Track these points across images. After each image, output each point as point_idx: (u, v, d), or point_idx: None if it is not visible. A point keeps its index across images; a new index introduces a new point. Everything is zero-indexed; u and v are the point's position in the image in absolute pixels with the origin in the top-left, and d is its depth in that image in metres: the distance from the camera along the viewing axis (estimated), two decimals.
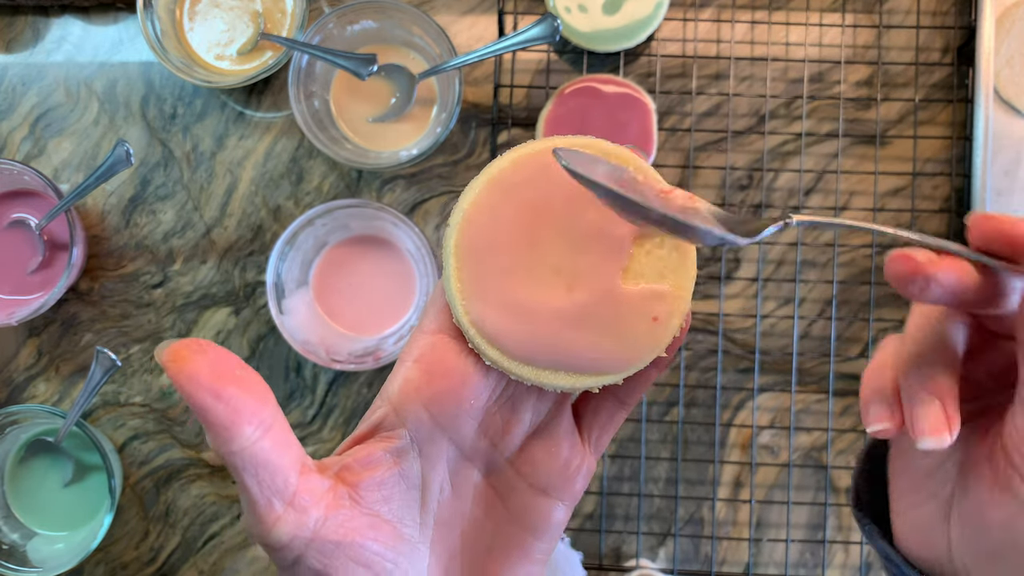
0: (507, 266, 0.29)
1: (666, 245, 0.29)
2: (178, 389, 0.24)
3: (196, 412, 0.24)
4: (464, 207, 0.29)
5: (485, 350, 0.29)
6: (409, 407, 0.29)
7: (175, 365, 0.24)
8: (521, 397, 0.31)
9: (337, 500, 0.27)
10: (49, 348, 0.70)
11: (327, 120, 0.68)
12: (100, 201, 0.71)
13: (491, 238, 0.29)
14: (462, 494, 0.31)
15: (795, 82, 0.70)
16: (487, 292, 0.29)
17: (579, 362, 0.29)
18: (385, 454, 0.29)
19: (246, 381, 0.25)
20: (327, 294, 0.68)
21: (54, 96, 0.71)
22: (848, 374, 0.69)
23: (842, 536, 0.68)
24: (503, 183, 0.29)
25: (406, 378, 0.29)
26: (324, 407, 0.70)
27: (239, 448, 0.25)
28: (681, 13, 0.70)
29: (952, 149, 0.69)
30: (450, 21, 0.71)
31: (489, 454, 0.31)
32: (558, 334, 0.29)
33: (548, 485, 0.31)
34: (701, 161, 0.69)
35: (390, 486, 0.29)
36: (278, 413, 0.26)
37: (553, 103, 0.66)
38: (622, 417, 0.33)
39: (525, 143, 0.30)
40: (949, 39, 0.70)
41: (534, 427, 0.31)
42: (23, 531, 0.68)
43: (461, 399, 0.29)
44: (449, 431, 0.30)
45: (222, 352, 0.25)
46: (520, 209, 0.29)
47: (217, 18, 0.70)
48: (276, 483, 0.26)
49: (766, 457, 0.69)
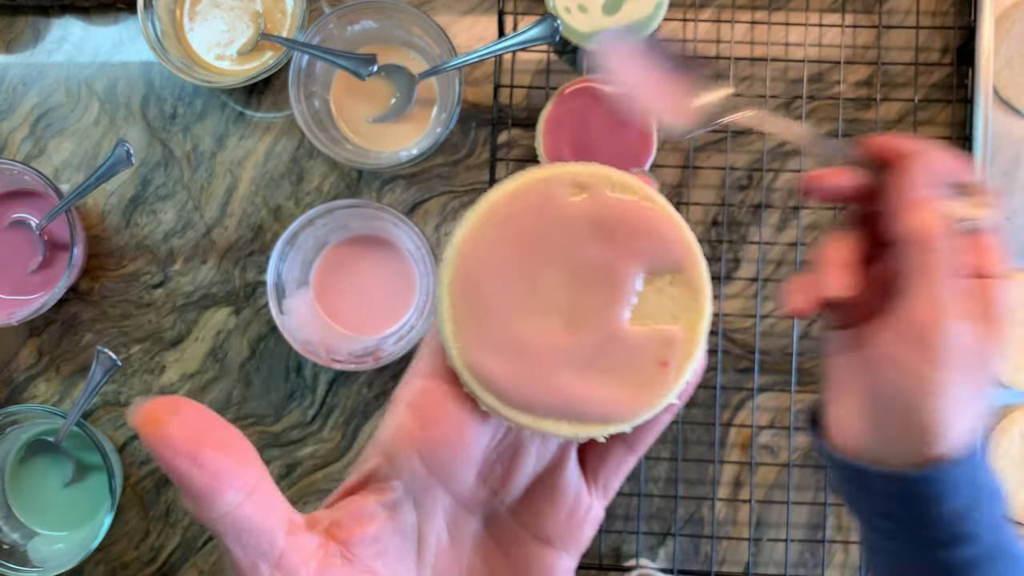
0: (504, 305, 0.27)
1: (678, 283, 0.27)
2: (152, 454, 0.23)
3: (173, 479, 0.23)
4: (457, 241, 0.27)
5: (481, 396, 0.27)
6: (402, 456, 0.27)
7: (149, 428, 0.22)
8: (523, 443, 0.29)
9: (328, 558, 0.26)
10: (49, 348, 0.71)
11: (327, 120, 0.68)
12: (100, 201, 0.71)
13: (487, 275, 0.27)
14: (461, 544, 0.29)
15: (795, 82, 0.70)
16: (483, 334, 0.27)
17: (583, 411, 0.27)
18: (378, 507, 0.27)
19: (226, 442, 0.24)
20: (327, 294, 0.68)
21: (55, 96, 0.72)
22: None
23: (842, 536, 0.68)
24: (500, 215, 0.27)
25: (398, 425, 0.28)
26: (324, 407, 0.70)
27: (219, 514, 0.23)
28: (681, 13, 0.70)
29: (952, 149, 0.69)
30: (450, 21, 0.71)
31: (489, 503, 0.29)
32: (559, 379, 0.27)
33: (552, 535, 0.29)
34: (701, 161, 0.70)
35: (384, 540, 0.27)
36: (263, 472, 0.25)
37: (553, 103, 0.66)
38: (632, 463, 0.31)
39: (523, 171, 0.28)
40: (949, 39, 0.70)
41: (537, 474, 0.30)
42: (23, 531, 0.68)
43: (457, 447, 0.27)
44: (445, 480, 0.28)
45: (199, 411, 0.23)
46: (518, 243, 0.27)
47: (217, 18, 0.70)
48: (262, 546, 0.24)
49: (766, 457, 0.69)
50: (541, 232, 0.27)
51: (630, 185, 0.28)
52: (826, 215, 0.69)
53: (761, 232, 0.69)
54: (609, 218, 0.27)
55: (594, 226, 0.27)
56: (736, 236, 0.69)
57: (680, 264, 0.27)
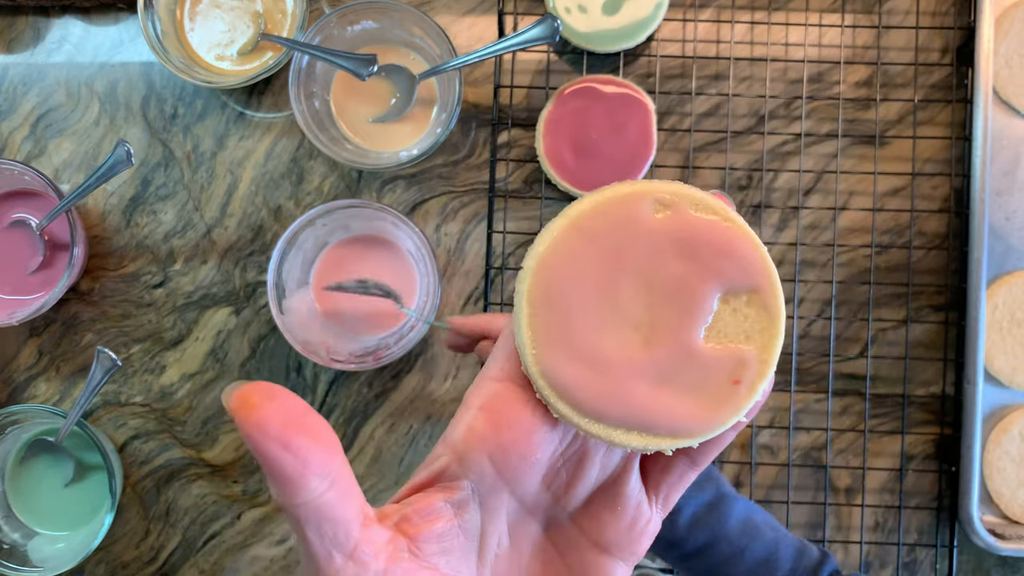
0: (582, 316, 0.28)
1: (754, 304, 0.28)
2: (244, 437, 0.23)
3: (262, 462, 0.23)
4: (540, 251, 0.28)
5: (554, 403, 0.27)
6: (473, 457, 0.28)
7: (243, 412, 0.23)
8: (588, 452, 0.30)
9: (397, 552, 0.26)
10: (50, 348, 0.71)
11: (327, 120, 0.68)
12: (101, 201, 0.71)
13: (567, 286, 0.28)
14: (521, 548, 0.30)
15: (794, 82, 0.70)
16: (560, 342, 0.27)
17: (654, 423, 0.27)
18: (446, 505, 0.28)
19: (315, 430, 0.24)
20: (328, 294, 0.68)
21: (55, 96, 0.72)
22: (848, 374, 0.69)
23: (842, 536, 0.68)
24: (583, 228, 0.28)
25: (470, 426, 0.28)
26: (324, 407, 0.70)
27: (303, 501, 0.24)
28: (681, 14, 0.70)
29: (951, 149, 0.69)
30: (450, 21, 0.71)
31: (551, 508, 0.30)
32: (633, 392, 0.27)
33: (611, 544, 0.30)
34: (701, 161, 0.70)
35: (450, 538, 0.28)
36: (344, 462, 0.25)
37: (553, 103, 0.66)
38: (692, 477, 0.31)
39: (608, 186, 0.29)
40: (948, 39, 0.70)
41: (600, 483, 0.30)
42: (24, 531, 0.68)
43: (526, 452, 0.28)
44: (512, 483, 0.29)
45: (291, 398, 0.24)
46: (600, 257, 0.28)
47: (217, 18, 0.70)
48: (338, 536, 0.25)
49: (765, 457, 0.69)
50: (622, 247, 0.28)
51: (712, 205, 0.28)
52: (827, 215, 0.69)
53: (761, 232, 0.69)
54: (691, 236, 0.28)
55: (675, 243, 0.28)
56: None
57: (757, 285, 0.28)
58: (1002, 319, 0.67)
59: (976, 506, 0.65)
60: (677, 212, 0.28)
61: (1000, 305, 0.67)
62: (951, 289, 0.69)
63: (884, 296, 0.69)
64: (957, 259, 0.68)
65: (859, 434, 0.69)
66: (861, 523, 0.68)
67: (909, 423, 0.69)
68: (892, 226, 0.69)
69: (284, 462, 0.23)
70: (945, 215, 0.69)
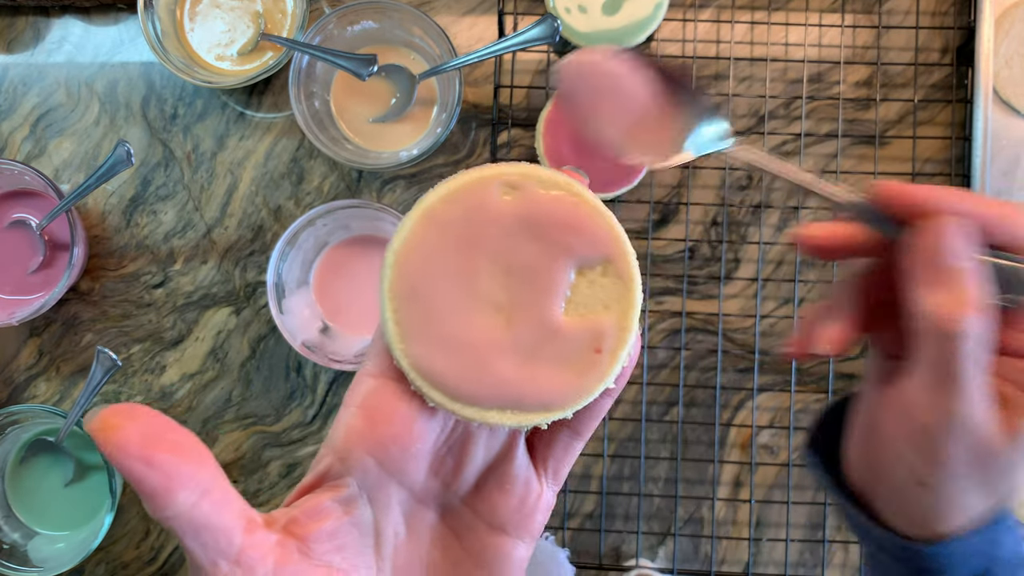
0: (444, 304, 0.28)
1: (609, 274, 0.29)
2: (108, 458, 0.24)
3: (128, 480, 0.24)
4: (396, 246, 0.28)
5: (427, 392, 0.28)
6: (354, 455, 0.28)
7: (103, 435, 0.23)
8: (471, 436, 0.30)
9: (286, 555, 0.27)
10: (50, 348, 0.71)
11: (327, 120, 0.68)
12: (101, 201, 0.71)
13: (426, 276, 0.28)
14: (418, 537, 0.30)
15: (794, 82, 0.70)
16: (425, 333, 0.28)
17: (524, 400, 0.28)
18: (333, 503, 0.28)
19: (180, 445, 0.25)
20: (328, 294, 0.68)
21: (55, 96, 0.72)
22: (847, 374, 0.69)
23: (841, 536, 0.68)
24: (436, 218, 0.28)
25: (349, 425, 0.29)
26: (324, 407, 0.70)
27: (174, 514, 0.24)
28: (681, 14, 0.70)
29: (951, 149, 0.69)
30: (450, 21, 0.71)
31: (442, 495, 0.30)
32: (500, 372, 0.28)
33: (506, 523, 0.30)
34: (701, 161, 0.70)
35: (342, 535, 0.28)
36: (217, 472, 0.26)
37: (553, 103, 0.66)
38: (579, 447, 0.32)
39: (457, 174, 0.29)
40: (948, 39, 0.70)
41: (487, 464, 0.31)
42: (24, 531, 0.68)
43: (407, 443, 0.28)
44: (398, 476, 0.29)
45: (153, 416, 0.24)
46: (455, 244, 0.28)
47: (217, 18, 0.70)
48: (219, 544, 0.25)
49: (766, 457, 0.69)
50: (475, 232, 0.28)
51: (559, 182, 0.29)
52: (827, 215, 0.69)
53: (761, 232, 0.69)
54: (539, 215, 0.29)
55: (525, 224, 0.28)
56: (736, 236, 0.69)
57: (610, 256, 0.29)
58: None
59: None
60: (524, 193, 0.29)
61: None
62: None
63: None
64: None
65: None
66: None
67: None
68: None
69: (148, 478, 0.24)
70: None
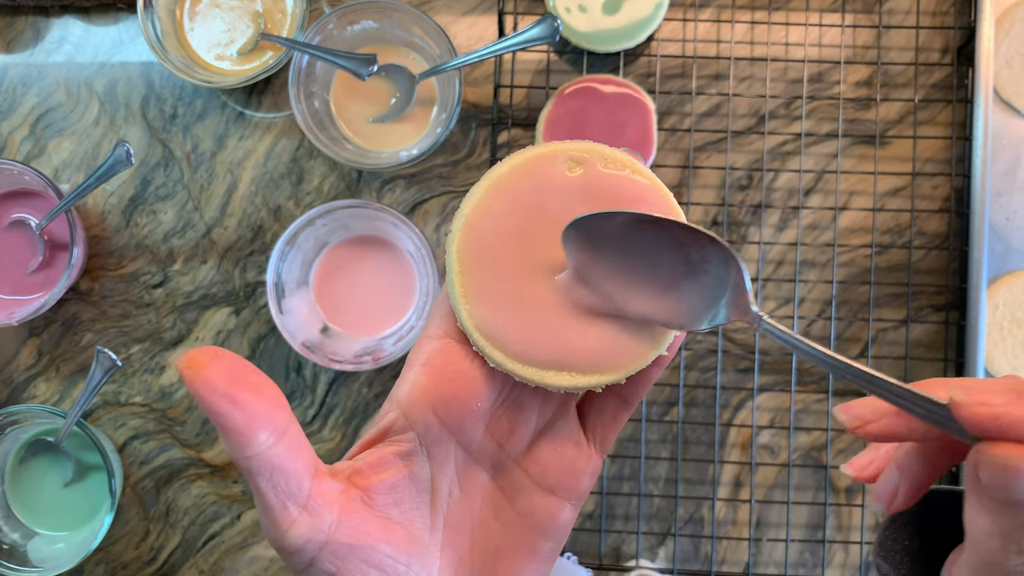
0: (509, 269, 0.29)
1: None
2: (194, 395, 0.24)
3: (212, 417, 0.25)
4: (466, 212, 0.30)
5: (489, 352, 0.29)
6: (417, 411, 0.29)
7: (191, 371, 0.24)
8: (526, 399, 0.31)
9: (350, 503, 0.28)
10: (49, 348, 0.71)
11: (327, 120, 0.68)
12: (100, 201, 0.71)
13: (493, 242, 0.30)
14: (471, 496, 0.31)
15: (795, 82, 0.70)
16: (489, 295, 0.29)
17: (581, 362, 0.29)
18: (395, 457, 0.29)
19: (261, 387, 0.26)
20: (327, 294, 0.68)
21: (54, 96, 0.71)
22: None
23: (842, 536, 0.68)
24: (504, 188, 0.30)
25: (414, 382, 0.30)
26: (324, 407, 0.70)
27: (254, 453, 0.25)
28: (681, 13, 0.70)
29: (952, 149, 0.69)
30: (450, 21, 0.71)
31: (496, 455, 0.31)
32: (560, 334, 0.29)
33: (555, 485, 0.31)
34: (701, 161, 0.70)
35: (401, 489, 0.29)
36: (292, 418, 0.27)
37: (553, 103, 0.66)
38: (625, 416, 0.33)
39: (525, 148, 0.31)
40: (949, 39, 0.70)
41: (540, 428, 0.32)
42: (24, 531, 0.68)
43: (468, 402, 0.30)
44: (457, 434, 0.30)
45: (236, 358, 0.25)
46: (522, 213, 0.30)
47: (217, 18, 0.70)
48: (290, 487, 0.26)
49: (766, 457, 0.69)
50: (540, 202, 0.30)
51: (621, 160, 0.30)
52: (827, 215, 0.69)
53: (761, 232, 0.69)
54: (603, 188, 0.30)
55: (589, 195, 0.30)
56: (736, 236, 0.69)
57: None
58: (1003, 319, 0.67)
59: None
60: (589, 168, 0.30)
61: (1001, 305, 0.67)
62: (951, 289, 0.69)
63: (884, 296, 0.69)
64: (957, 259, 0.68)
65: None
66: (861, 523, 0.68)
67: None
68: (892, 226, 0.69)
69: (232, 416, 0.25)
70: (945, 215, 0.69)
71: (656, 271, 0.29)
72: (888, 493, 0.31)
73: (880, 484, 0.31)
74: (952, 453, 0.30)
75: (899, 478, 0.31)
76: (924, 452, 0.30)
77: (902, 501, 0.31)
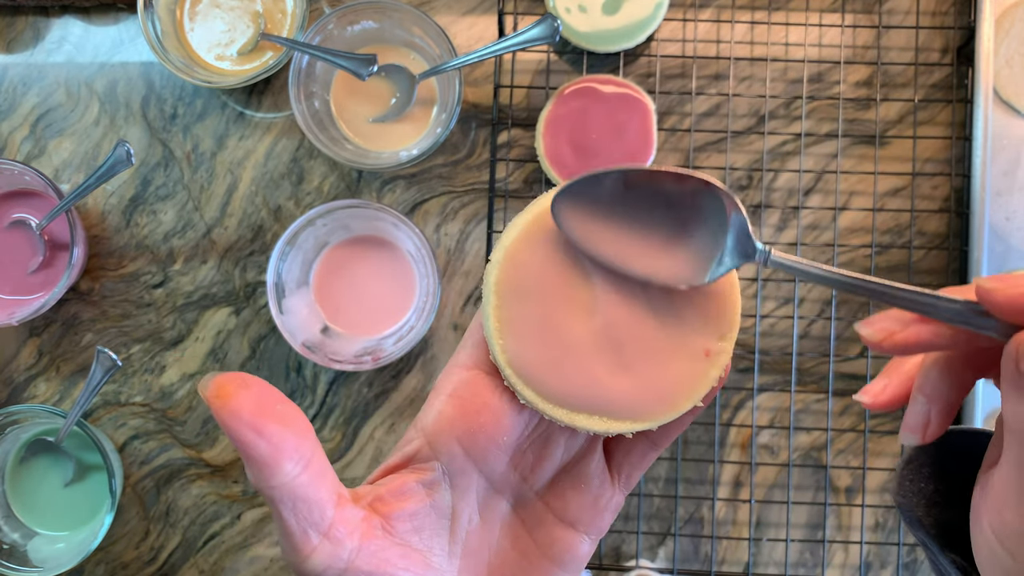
0: (548, 307, 0.29)
1: (710, 294, 0.29)
2: (220, 424, 0.24)
3: (238, 447, 0.25)
4: (507, 244, 0.29)
5: (521, 390, 0.29)
6: (443, 440, 0.29)
7: (219, 401, 0.24)
8: (554, 435, 0.31)
9: (370, 530, 0.28)
10: (50, 348, 0.71)
11: (327, 120, 0.68)
12: (101, 201, 0.71)
13: (533, 277, 0.29)
14: (490, 525, 0.31)
15: (795, 82, 0.70)
16: (525, 332, 0.29)
17: (614, 407, 0.29)
18: (418, 485, 0.29)
19: (288, 416, 0.26)
20: (327, 294, 0.68)
21: (55, 96, 0.72)
22: (847, 374, 0.69)
23: (841, 536, 0.68)
24: (548, 221, 0.29)
25: (441, 412, 0.29)
26: (324, 407, 0.70)
27: (279, 483, 0.25)
28: (681, 13, 0.70)
29: (952, 149, 0.69)
30: (450, 21, 0.71)
31: (519, 487, 0.31)
32: (594, 378, 0.29)
33: (576, 519, 0.31)
34: (701, 161, 0.70)
35: (421, 517, 0.29)
36: (317, 446, 0.27)
37: (553, 103, 0.66)
38: (653, 457, 0.33)
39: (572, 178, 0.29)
40: (949, 39, 0.70)
41: (565, 463, 0.32)
42: (24, 531, 0.68)
43: (494, 435, 0.29)
44: (480, 464, 0.30)
45: (265, 387, 0.25)
46: (564, 250, 0.29)
47: (217, 18, 0.70)
48: (313, 516, 0.26)
49: (766, 457, 0.69)
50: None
51: None
52: (827, 215, 0.69)
53: (761, 232, 0.69)
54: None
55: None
56: None
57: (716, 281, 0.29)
58: None
59: None
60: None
61: None
62: None
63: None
64: (957, 259, 0.68)
65: (859, 434, 0.69)
66: (861, 523, 0.68)
67: None
68: (892, 226, 0.69)
69: (258, 447, 0.25)
70: (945, 215, 0.69)
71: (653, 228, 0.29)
72: (921, 422, 0.30)
73: (910, 416, 0.30)
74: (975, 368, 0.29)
75: (927, 404, 0.29)
76: (948, 371, 0.29)
77: (936, 426, 0.29)
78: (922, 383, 0.30)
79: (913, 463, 0.35)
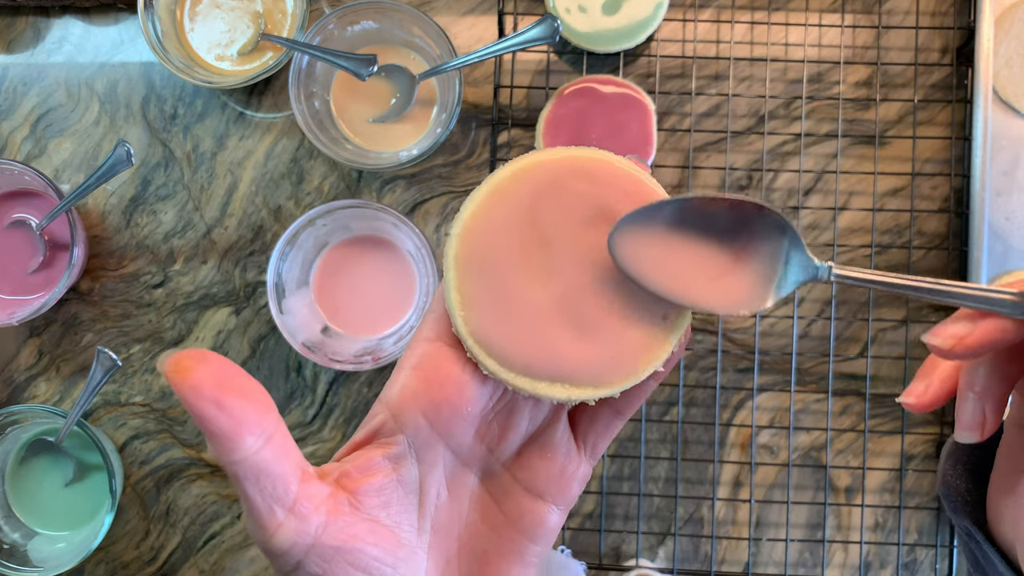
0: (506, 277, 0.29)
1: None
2: (181, 399, 0.24)
3: (198, 422, 0.24)
4: (464, 217, 0.29)
5: (483, 360, 0.29)
6: (407, 414, 0.29)
7: (177, 376, 0.24)
8: (518, 405, 0.31)
9: (337, 506, 0.28)
10: (50, 348, 0.71)
11: (327, 121, 0.68)
12: (101, 201, 0.71)
13: (491, 249, 0.29)
14: (459, 499, 0.31)
15: (794, 82, 0.70)
16: (486, 303, 0.29)
17: (575, 374, 0.29)
18: (383, 460, 0.29)
19: (248, 390, 0.25)
20: (327, 294, 0.68)
21: (55, 96, 0.72)
22: (847, 374, 0.69)
23: (841, 535, 0.68)
24: (504, 194, 0.30)
25: (404, 385, 0.30)
26: (324, 407, 0.70)
27: (241, 458, 0.25)
28: (681, 14, 0.70)
29: (951, 149, 0.69)
30: (450, 21, 0.71)
31: (485, 460, 0.31)
32: (555, 346, 0.29)
33: (544, 490, 0.31)
34: (700, 161, 0.70)
35: (388, 492, 0.29)
36: (279, 421, 0.26)
37: (553, 104, 0.66)
38: (618, 425, 0.33)
39: (527, 153, 0.30)
40: (948, 39, 0.70)
41: (530, 434, 0.32)
42: (24, 531, 0.68)
43: (458, 407, 0.29)
44: (446, 437, 0.30)
45: (224, 361, 0.25)
46: (521, 221, 0.29)
47: (218, 18, 0.70)
48: (277, 491, 0.26)
49: (765, 457, 0.69)
50: (543, 210, 0.29)
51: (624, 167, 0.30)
52: (827, 215, 0.69)
53: None
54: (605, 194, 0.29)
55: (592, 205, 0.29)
56: None
57: None
58: None
59: None
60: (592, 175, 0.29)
61: None
62: None
63: (884, 296, 0.69)
64: (957, 259, 0.68)
65: (859, 434, 0.69)
66: (861, 523, 0.68)
67: (909, 423, 0.69)
68: (892, 226, 0.69)
69: (219, 421, 0.24)
70: (945, 215, 0.69)
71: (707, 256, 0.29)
72: (978, 420, 0.30)
73: (965, 416, 0.30)
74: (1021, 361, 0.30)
75: (979, 402, 0.30)
76: (995, 367, 0.30)
77: (992, 422, 0.30)
78: (971, 380, 0.30)
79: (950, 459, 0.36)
